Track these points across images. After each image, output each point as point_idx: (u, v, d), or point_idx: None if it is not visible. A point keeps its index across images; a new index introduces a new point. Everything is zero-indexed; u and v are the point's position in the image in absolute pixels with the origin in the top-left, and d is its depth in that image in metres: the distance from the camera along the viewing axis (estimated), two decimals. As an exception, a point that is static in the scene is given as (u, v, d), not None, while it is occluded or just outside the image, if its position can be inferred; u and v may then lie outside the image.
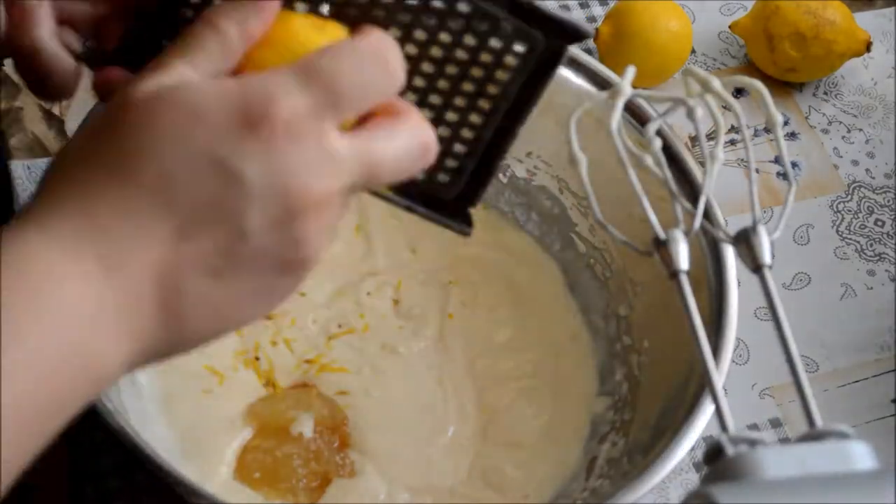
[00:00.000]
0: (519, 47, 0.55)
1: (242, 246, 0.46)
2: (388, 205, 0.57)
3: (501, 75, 0.56)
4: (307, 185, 0.45)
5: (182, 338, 0.47)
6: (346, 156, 0.47)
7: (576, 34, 0.55)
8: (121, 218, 0.45)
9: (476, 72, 0.56)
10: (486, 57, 0.55)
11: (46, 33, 0.54)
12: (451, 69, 0.55)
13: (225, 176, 0.45)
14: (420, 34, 0.55)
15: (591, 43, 1.00)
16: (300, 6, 0.54)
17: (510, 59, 0.55)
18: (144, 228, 0.45)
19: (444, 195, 0.58)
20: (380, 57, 0.48)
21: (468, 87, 0.56)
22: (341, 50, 0.48)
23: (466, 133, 0.57)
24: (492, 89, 0.56)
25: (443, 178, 0.58)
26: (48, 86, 0.55)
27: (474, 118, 0.57)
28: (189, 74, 0.47)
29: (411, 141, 0.50)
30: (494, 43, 0.55)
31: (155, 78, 0.46)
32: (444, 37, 0.55)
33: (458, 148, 0.58)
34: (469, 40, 0.55)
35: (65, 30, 0.56)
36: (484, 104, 0.57)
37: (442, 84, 0.56)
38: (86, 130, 0.47)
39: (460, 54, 0.55)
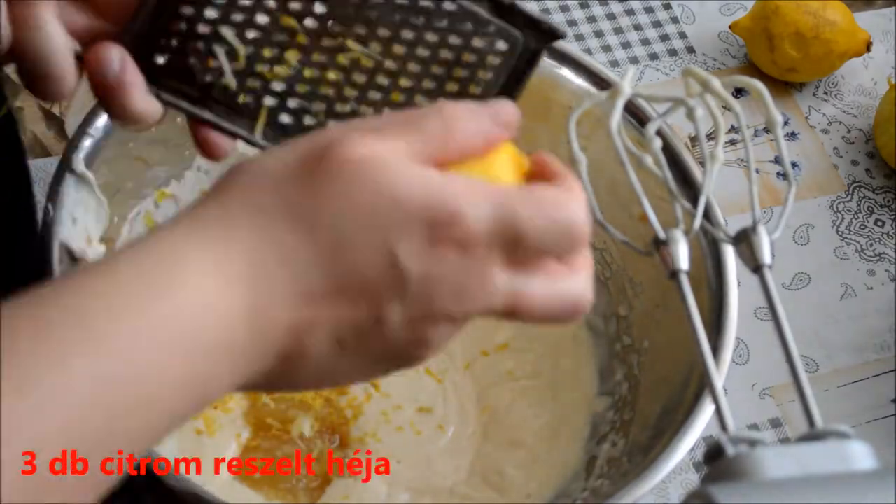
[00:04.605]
0: (501, 46, 0.57)
1: (376, 331, 0.47)
2: None
3: (483, 74, 0.57)
4: (453, 302, 0.47)
5: (277, 386, 0.49)
6: (500, 291, 0.48)
7: (552, 34, 0.57)
8: (282, 257, 0.46)
9: (460, 72, 0.57)
10: (469, 57, 0.57)
11: (53, 29, 0.55)
12: (436, 69, 0.57)
13: (391, 267, 0.46)
14: (408, 34, 0.57)
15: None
16: (294, 5, 0.56)
17: (492, 59, 0.57)
18: (300, 277, 0.46)
19: None
20: (572, 228, 0.49)
21: (452, 87, 0.58)
22: (543, 206, 0.48)
23: None
24: (473, 89, 0.58)
25: None
26: (49, 83, 0.56)
27: None
28: (402, 151, 0.47)
29: (566, 299, 0.50)
30: (477, 42, 0.57)
31: (372, 143, 0.47)
32: (431, 37, 0.57)
33: None
34: (454, 40, 0.57)
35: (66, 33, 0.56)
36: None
37: (427, 84, 0.58)
38: (287, 156, 0.47)
39: (445, 54, 0.57)
